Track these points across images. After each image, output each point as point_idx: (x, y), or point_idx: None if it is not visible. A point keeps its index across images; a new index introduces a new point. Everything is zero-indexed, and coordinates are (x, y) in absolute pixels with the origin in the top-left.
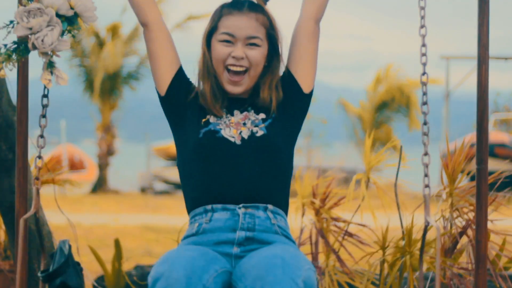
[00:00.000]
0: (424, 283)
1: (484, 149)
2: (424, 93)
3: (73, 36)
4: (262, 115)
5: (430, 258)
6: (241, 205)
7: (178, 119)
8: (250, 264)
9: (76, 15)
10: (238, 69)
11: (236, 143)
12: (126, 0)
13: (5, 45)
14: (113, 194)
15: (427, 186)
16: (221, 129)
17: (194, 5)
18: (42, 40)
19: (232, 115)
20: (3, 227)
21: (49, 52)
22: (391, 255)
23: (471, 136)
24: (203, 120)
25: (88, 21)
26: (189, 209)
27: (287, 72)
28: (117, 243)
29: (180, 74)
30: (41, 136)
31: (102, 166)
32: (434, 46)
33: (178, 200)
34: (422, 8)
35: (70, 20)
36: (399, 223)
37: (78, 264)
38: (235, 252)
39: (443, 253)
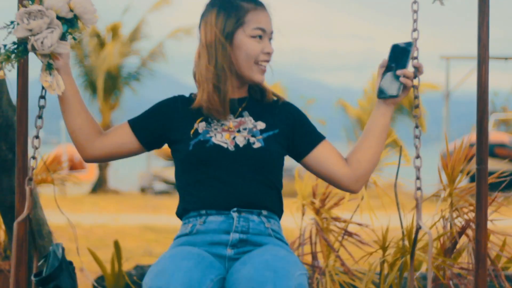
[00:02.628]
0: (424, 284)
1: (484, 149)
2: (416, 97)
3: (74, 39)
4: (261, 125)
5: (433, 258)
6: (235, 209)
7: (169, 142)
8: (242, 274)
9: (76, 17)
10: (267, 64)
11: (229, 149)
12: (127, 0)
13: (5, 46)
14: (113, 194)
15: (419, 189)
16: (211, 137)
17: (194, 6)
18: (42, 42)
19: (225, 119)
20: (3, 227)
21: (49, 55)
22: (391, 255)
23: (470, 136)
24: (191, 131)
25: (88, 23)
26: (181, 214)
27: (313, 140)
28: (116, 245)
29: (135, 129)
30: (37, 137)
31: (102, 166)
32: (434, 46)
33: (178, 200)
34: (415, 12)
35: (70, 23)
36: (399, 223)
37: (70, 263)
38: (229, 254)
39: (442, 253)
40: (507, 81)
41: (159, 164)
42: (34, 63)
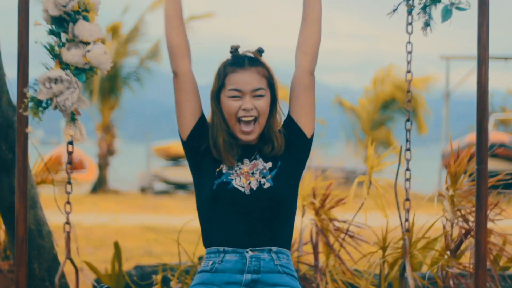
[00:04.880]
0: (423, 284)
1: (484, 149)
2: (408, 91)
3: (95, 74)
4: (269, 164)
5: (431, 258)
6: (248, 250)
7: (196, 163)
8: None
9: (92, 67)
10: (249, 118)
11: (246, 193)
12: (127, 0)
13: (40, 102)
14: (113, 194)
15: (408, 179)
16: (232, 179)
17: (195, 6)
18: (64, 104)
19: (242, 163)
20: (3, 227)
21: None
22: (391, 255)
23: (473, 136)
24: (217, 170)
25: (103, 70)
26: (205, 244)
27: (290, 120)
28: (116, 245)
29: (201, 122)
30: (69, 182)
31: (102, 166)
32: (434, 46)
33: (178, 200)
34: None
35: (87, 70)
36: (399, 223)
37: None
38: None
39: (446, 253)
40: (507, 81)
41: (159, 164)
42: (34, 63)
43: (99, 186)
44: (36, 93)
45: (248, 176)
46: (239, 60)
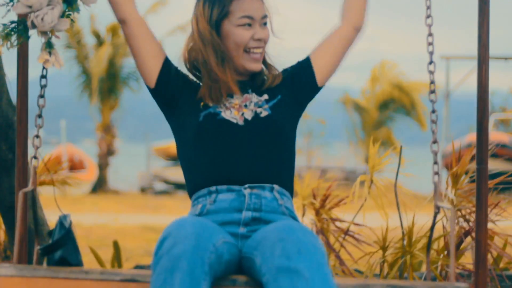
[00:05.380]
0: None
1: (484, 149)
2: (432, 82)
3: (72, 21)
4: (265, 96)
5: (431, 258)
6: (246, 186)
7: (173, 108)
8: (266, 231)
9: None
10: (260, 50)
11: (239, 124)
12: None
13: (4, 25)
14: (113, 194)
15: (436, 173)
16: (221, 111)
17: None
18: (42, 19)
19: (232, 97)
20: (3, 227)
21: (49, 32)
22: (391, 255)
23: (474, 137)
24: (202, 104)
25: (87, 2)
26: (191, 191)
27: (307, 61)
28: (116, 245)
29: (166, 64)
30: (37, 136)
31: (102, 166)
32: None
33: (178, 200)
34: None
35: (69, 1)
36: (399, 223)
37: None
38: (242, 232)
39: (445, 253)
40: (507, 81)
41: (159, 164)
42: (34, 63)
43: (99, 186)
44: (12, 8)
45: (240, 109)
46: None
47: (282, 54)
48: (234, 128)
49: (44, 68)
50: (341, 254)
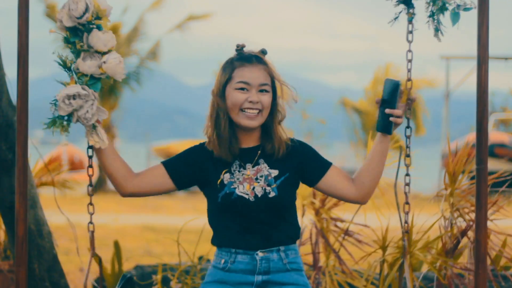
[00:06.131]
0: (424, 283)
1: (484, 149)
2: (408, 98)
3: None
4: (274, 172)
5: (431, 258)
6: (258, 252)
7: (198, 183)
8: None
9: (108, 76)
10: (254, 112)
11: (250, 200)
12: (127, 0)
13: (62, 117)
14: (113, 194)
15: (407, 184)
16: (235, 188)
17: (195, 6)
18: (85, 117)
19: (245, 168)
20: (3, 227)
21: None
22: (391, 255)
23: (473, 136)
24: (218, 181)
25: (118, 79)
26: (215, 243)
27: (322, 168)
28: (116, 245)
29: (170, 171)
30: (90, 185)
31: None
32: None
33: (178, 200)
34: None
35: (103, 79)
36: (399, 223)
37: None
38: None
39: (444, 253)
40: (507, 81)
41: None
42: (35, 63)
43: (99, 186)
44: (58, 110)
45: (252, 182)
46: (247, 57)
47: (282, 54)
48: (246, 203)
49: (91, 146)
50: (341, 254)
